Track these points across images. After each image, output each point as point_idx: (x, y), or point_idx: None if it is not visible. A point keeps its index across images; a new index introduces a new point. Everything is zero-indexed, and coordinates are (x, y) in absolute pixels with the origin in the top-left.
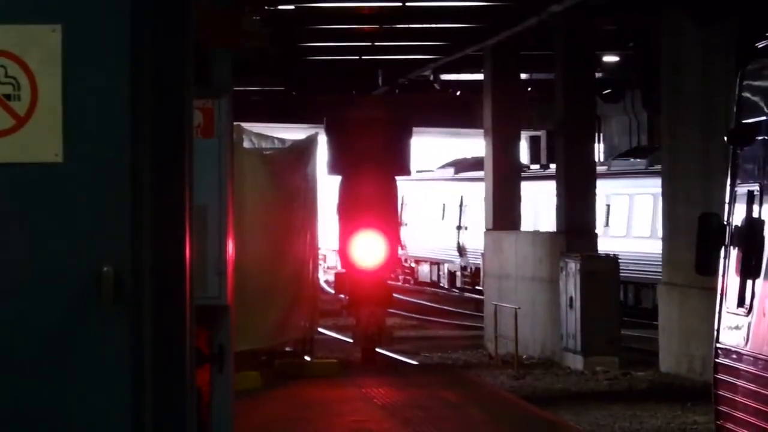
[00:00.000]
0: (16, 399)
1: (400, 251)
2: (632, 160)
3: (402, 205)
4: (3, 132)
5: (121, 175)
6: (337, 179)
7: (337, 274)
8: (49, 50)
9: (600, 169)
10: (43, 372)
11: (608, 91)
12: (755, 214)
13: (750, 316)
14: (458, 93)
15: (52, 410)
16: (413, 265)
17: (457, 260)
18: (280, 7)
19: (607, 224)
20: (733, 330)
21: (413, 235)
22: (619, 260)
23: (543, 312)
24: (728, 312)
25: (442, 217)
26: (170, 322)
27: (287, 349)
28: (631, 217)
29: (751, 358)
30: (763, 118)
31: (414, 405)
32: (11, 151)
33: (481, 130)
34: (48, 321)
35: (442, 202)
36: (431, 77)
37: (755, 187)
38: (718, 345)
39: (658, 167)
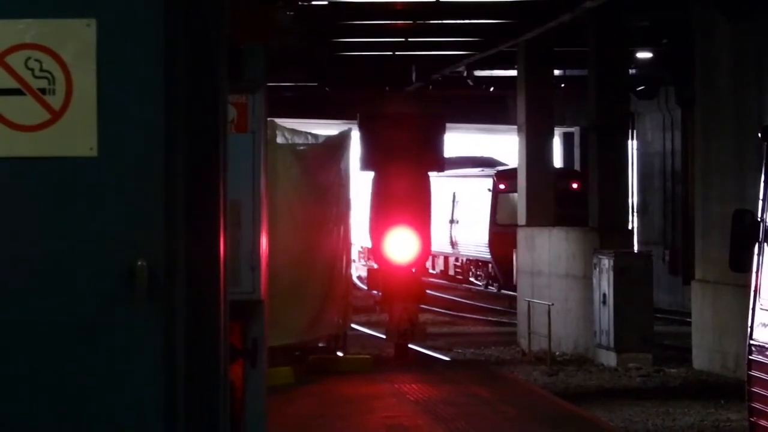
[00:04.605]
0: (50, 391)
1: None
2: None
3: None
4: (38, 126)
5: (156, 170)
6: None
7: (370, 270)
8: (84, 44)
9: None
10: (76, 364)
11: (642, 87)
12: None
13: None
14: (491, 89)
15: (86, 402)
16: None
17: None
18: (313, 2)
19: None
20: (767, 327)
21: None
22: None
23: (576, 309)
24: (762, 309)
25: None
26: (203, 316)
27: (320, 344)
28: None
29: None
30: None
31: (447, 401)
32: (46, 146)
33: (514, 127)
34: (82, 314)
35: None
36: (464, 73)
37: None
38: (751, 342)
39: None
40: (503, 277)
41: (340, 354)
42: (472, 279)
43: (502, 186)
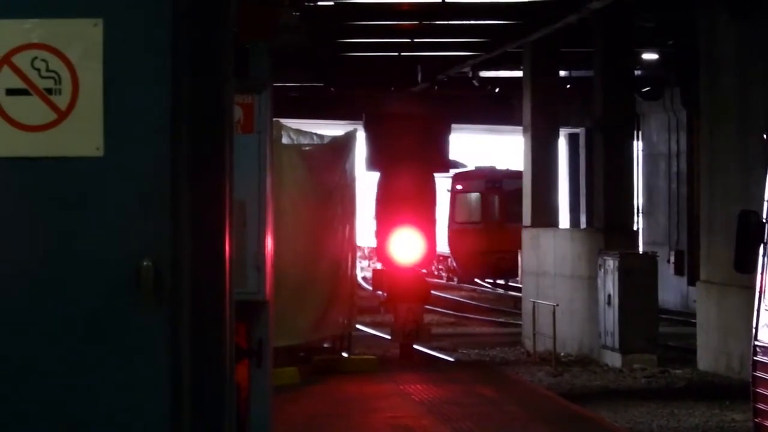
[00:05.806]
0: (56, 389)
1: None
2: None
3: None
4: (44, 126)
5: (162, 170)
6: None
7: (374, 271)
8: (91, 44)
9: None
10: (82, 364)
11: (647, 88)
12: None
13: None
14: (497, 90)
15: (91, 401)
16: None
17: None
18: (319, 2)
19: None
20: None
21: None
22: None
23: (581, 309)
24: (767, 310)
25: None
26: (209, 316)
27: (325, 345)
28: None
29: None
30: None
31: (452, 401)
32: (52, 145)
33: (520, 127)
34: (88, 313)
35: None
36: (470, 74)
37: None
38: (756, 343)
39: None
40: (461, 270)
41: (345, 354)
42: (435, 272)
43: (459, 186)
